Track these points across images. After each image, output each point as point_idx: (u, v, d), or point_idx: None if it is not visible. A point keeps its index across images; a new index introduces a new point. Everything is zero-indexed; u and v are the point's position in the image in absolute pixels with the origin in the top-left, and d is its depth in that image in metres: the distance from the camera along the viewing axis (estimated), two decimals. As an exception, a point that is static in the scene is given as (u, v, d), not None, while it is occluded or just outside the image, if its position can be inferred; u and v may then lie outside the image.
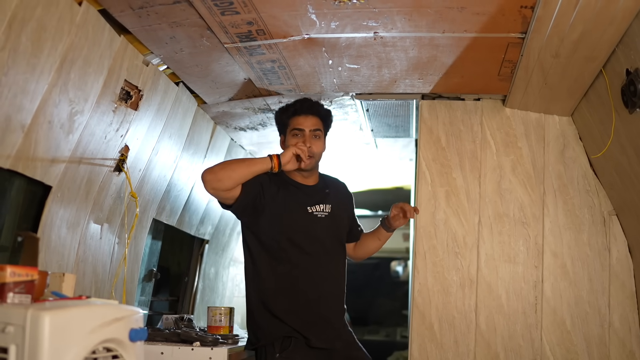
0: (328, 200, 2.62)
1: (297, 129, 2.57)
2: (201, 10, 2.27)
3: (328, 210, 2.61)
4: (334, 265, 2.61)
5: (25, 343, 1.59)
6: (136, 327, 1.92)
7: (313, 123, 2.58)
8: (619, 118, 2.52)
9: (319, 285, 2.54)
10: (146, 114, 2.75)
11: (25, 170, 2.15)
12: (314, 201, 2.59)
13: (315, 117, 2.60)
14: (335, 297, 2.61)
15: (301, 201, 2.58)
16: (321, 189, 2.66)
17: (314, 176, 2.67)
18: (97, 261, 2.71)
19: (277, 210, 2.53)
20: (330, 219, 2.60)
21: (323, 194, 2.64)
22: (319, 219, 2.58)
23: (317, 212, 2.58)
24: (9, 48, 1.89)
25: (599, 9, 2.08)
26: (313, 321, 2.51)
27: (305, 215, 2.56)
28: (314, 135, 2.57)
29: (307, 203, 2.58)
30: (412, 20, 2.36)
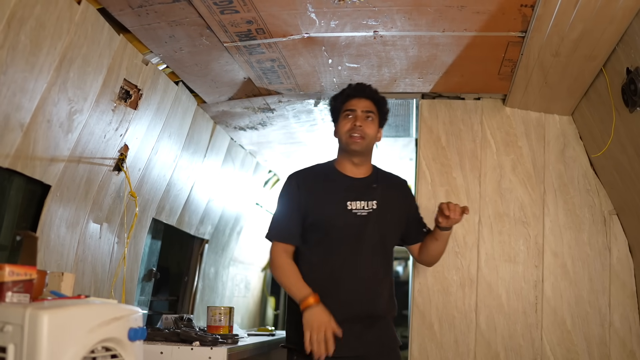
0: (373, 196, 2.41)
1: (349, 110, 2.40)
2: (200, 9, 2.26)
3: (372, 206, 2.39)
4: (372, 266, 2.38)
5: (24, 342, 1.59)
6: (135, 327, 1.92)
7: (366, 105, 2.41)
8: (620, 117, 2.51)
9: (352, 288, 2.35)
10: (145, 113, 2.74)
11: (24, 169, 2.15)
12: (355, 196, 2.39)
13: (368, 100, 2.42)
14: (369, 301, 2.37)
15: (341, 196, 2.39)
16: (368, 184, 2.45)
17: (366, 166, 2.47)
18: (96, 261, 2.71)
19: (316, 209, 2.39)
20: (374, 217, 2.38)
21: (369, 189, 2.43)
22: (358, 217, 2.37)
23: (357, 210, 2.38)
24: (8, 46, 1.89)
25: (599, 7, 2.07)
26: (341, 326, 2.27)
27: (343, 212, 2.37)
28: (366, 116, 2.39)
29: (348, 198, 2.39)
30: (412, 19, 2.36)
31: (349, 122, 2.38)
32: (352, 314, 2.32)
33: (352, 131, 2.36)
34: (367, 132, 2.37)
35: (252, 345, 2.99)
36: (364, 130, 2.36)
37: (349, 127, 2.38)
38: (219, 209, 4.00)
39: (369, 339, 2.34)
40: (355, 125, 2.36)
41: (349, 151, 2.40)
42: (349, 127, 2.38)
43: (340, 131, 2.42)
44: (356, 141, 2.36)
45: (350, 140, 2.37)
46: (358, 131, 2.36)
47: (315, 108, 3.37)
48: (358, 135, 2.36)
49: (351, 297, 2.34)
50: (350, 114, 2.39)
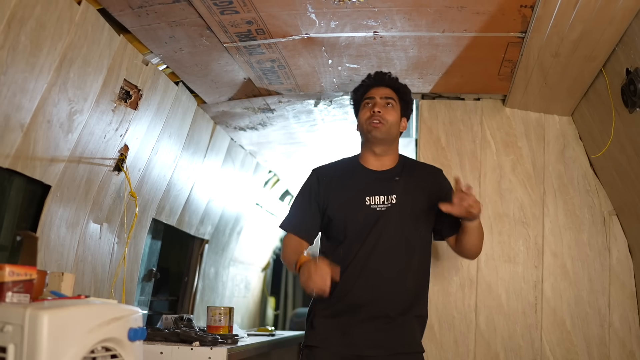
0: (394, 190, 2.32)
1: (367, 98, 2.38)
2: (200, 9, 2.27)
3: (392, 201, 2.30)
4: (392, 263, 2.28)
5: (24, 342, 1.59)
6: (135, 327, 1.92)
7: (385, 92, 2.38)
8: (619, 117, 2.52)
9: (368, 286, 2.26)
10: (146, 113, 2.75)
11: (24, 169, 2.15)
12: (375, 191, 2.32)
13: (388, 88, 2.39)
14: (385, 301, 2.27)
15: (360, 191, 2.33)
16: (390, 177, 2.37)
17: (390, 157, 2.41)
18: (96, 261, 2.71)
19: (335, 205, 2.35)
20: (393, 212, 2.29)
21: (391, 182, 2.35)
22: (377, 212, 2.29)
23: (375, 205, 2.30)
24: (8, 47, 1.89)
25: (598, 8, 2.07)
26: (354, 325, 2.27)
27: (362, 208, 2.31)
28: (385, 102, 2.35)
29: (367, 193, 2.32)
30: (411, 20, 2.36)
31: (368, 110, 2.35)
32: (368, 313, 2.26)
33: (372, 118, 2.32)
34: (386, 118, 2.33)
35: (252, 345, 2.99)
36: (383, 116, 2.32)
37: (368, 115, 2.34)
38: (219, 209, 4.00)
39: (380, 341, 2.26)
40: (374, 112, 2.32)
41: (370, 139, 2.35)
42: (368, 115, 2.34)
43: (360, 121, 2.38)
44: (375, 126, 2.31)
45: (370, 127, 2.32)
46: (377, 117, 2.31)
47: (315, 108, 3.38)
48: (377, 121, 2.31)
49: (366, 295, 2.26)
50: (370, 102, 2.37)
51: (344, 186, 2.37)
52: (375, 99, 2.35)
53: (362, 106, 2.39)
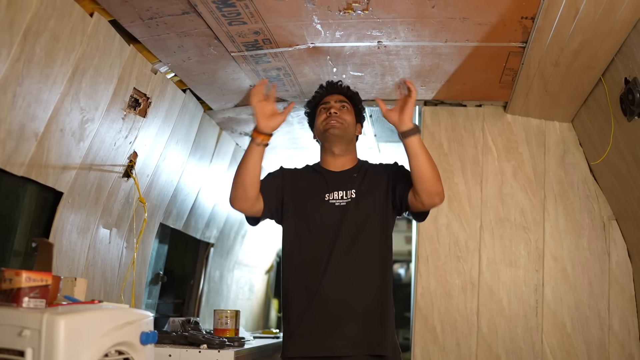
0: (352, 185, 2.38)
1: (323, 104, 2.50)
2: (209, 20, 2.32)
3: (351, 195, 2.36)
4: (357, 258, 2.29)
5: (42, 346, 1.64)
6: (147, 331, 1.98)
7: (339, 98, 2.50)
8: (618, 125, 2.57)
9: (330, 281, 2.27)
10: (154, 120, 2.80)
11: (38, 177, 2.20)
12: (334, 187, 2.38)
13: (341, 95, 2.52)
14: (353, 298, 2.27)
15: (319, 189, 2.39)
16: (349, 174, 2.43)
17: (348, 158, 2.47)
18: (106, 265, 2.76)
19: (294, 203, 2.40)
20: (354, 206, 2.33)
21: (350, 178, 2.41)
22: (336, 207, 2.34)
23: (334, 200, 2.36)
24: (24, 59, 1.95)
25: (597, 20, 2.13)
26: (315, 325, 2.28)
27: (322, 204, 2.36)
28: (341, 106, 2.47)
29: (327, 190, 2.38)
30: (415, 30, 2.42)
31: (324, 113, 2.46)
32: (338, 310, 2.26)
33: (328, 118, 2.42)
34: (343, 117, 2.43)
35: (257, 348, 3.04)
36: (339, 116, 2.42)
37: (324, 116, 2.44)
38: (224, 213, 4.06)
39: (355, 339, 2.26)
40: (331, 113, 2.42)
41: (328, 138, 2.43)
42: (324, 116, 2.44)
43: (317, 125, 2.47)
44: (333, 125, 2.40)
45: (328, 126, 2.41)
46: (334, 117, 2.41)
47: (320, 114, 3.43)
48: (334, 120, 2.41)
49: (334, 292, 2.27)
50: (325, 106, 2.48)
51: (304, 186, 2.44)
52: (330, 103, 2.47)
53: (318, 112, 2.49)
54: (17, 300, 1.75)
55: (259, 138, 2.29)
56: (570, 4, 2.07)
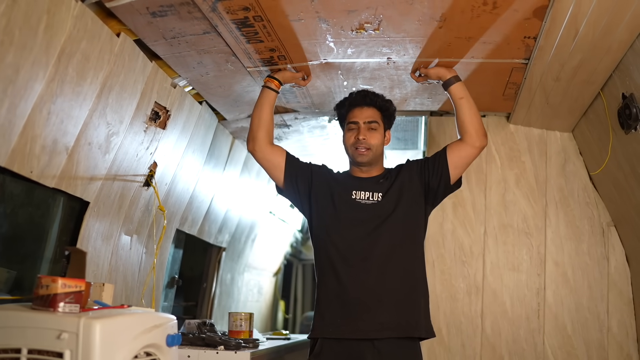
0: (379, 189, 2.46)
1: (351, 122, 2.49)
2: (228, 39, 2.45)
3: (378, 198, 2.44)
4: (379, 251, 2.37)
5: (79, 349, 1.78)
6: (172, 333, 2.12)
7: (368, 115, 2.48)
8: (616, 137, 2.70)
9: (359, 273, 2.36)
10: (173, 132, 2.93)
11: (67, 188, 2.34)
12: (360, 188, 2.46)
13: (370, 108, 2.49)
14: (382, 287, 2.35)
15: (346, 187, 2.48)
16: (376, 180, 2.50)
17: (376, 169, 2.54)
18: (127, 270, 2.90)
19: (322, 196, 2.49)
20: (380, 206, 2.42)
21: (376, 183, 2.48)
22: (362, 205, 2.44)
23: (360, 199, 2.45)
24: (58, 79, 2.08)
25: (596, 40, 2.26)
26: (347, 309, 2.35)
27: (348, 201, 2.45)
28: (369, 127, 2.46)
29: (353, 189, 2.46)
30: (423, 48, 2.54)
31: (352, 135, 2.48)
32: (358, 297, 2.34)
33: (357, 144, 2.46)
34: (371, 143, 2.46)
35: (271, 349, 3.17)
36: (368, 142, 2.45)
37: (353, 141, 2.47)
38: (236, 218, 4.19)
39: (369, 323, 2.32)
40: (359, 139, 2.45)
41: (356, 162, 2.50)
42: (353, 141, 2.47)
43: (346, 144, 2.53)
44: (362, 153, 2.46)
45: (356, 153, 2.47)
46: (362, 144, 2.45)
47: (329, 124, 3.56)
48: (363, 148, 2.45)
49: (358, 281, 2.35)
50: (354, 126, 2.48)
51: (332, 181, 2.53)
52: (359, 123, 2.47)
53: (347, 128, 2.51)
54: (54, 305, 1.88)
55: (269, 82, 2.58)
56: (570, 26, 2.19)
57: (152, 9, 2.22)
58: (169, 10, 2.22)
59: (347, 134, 2.51)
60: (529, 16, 2.21)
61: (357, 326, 2.33)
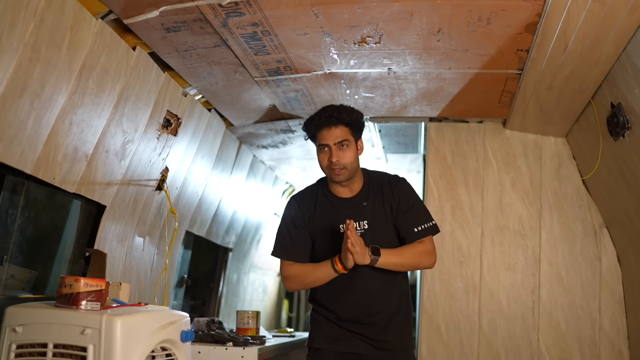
0: (364, 215, 2.45)
1: (321, 145, 2.42)
2: (237, 52, 2.59)
3: (364, 226, 2.44)
4: (370, 285, 2.43)
5: (101, 343, 1.93)
6: (186, 330, 2.25)
7: (337, 135, 2.39)
8: (606, 143, 2.83)
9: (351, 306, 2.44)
10: (183, 138, 3.07)
11: (86, 193, 2.48)
12: (345, 217, 2.35)
13: (338, 127, 2.40)
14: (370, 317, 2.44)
15: (334, 220, 2.47)
16: (359, 202, 2.48)
17: (356, 182, 2.50)
18: (140, 270, 3.03)
19: (314, 234, 2.51)
20: (367, 236, 2.40)
21: (360, 208, 2.47)
22: None
23: None
24: (79, 92, 2.22)
25: (584, 53, 2.39)
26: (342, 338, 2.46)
27: (336, 236, 2.45)
28: (340, 146, 2.39)
29: (340, 221, 2.44)
30: (422, 59, 2.68)
31: (325, 157, 2.41)
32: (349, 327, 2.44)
33: (331, 166, 2.39)
34: (345, 162, 2.38)
35: (277, 345, 3.31)
36: (341, 162, 2.38)
37: (327, 163, 2.41)
38: (242, 219, 4.33)
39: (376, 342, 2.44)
40: (332, 161, 2.38)
41: (335, 182, 2.46)
42: (327, 163, 2.41)
43: (321, 165, 2.45)
44: (337, 174, 2.39)
45: (333, 174, 2.41)
46: (336, 165, 2.38)
47: (332, 129, 3.70)
48: (337, 169, 2.38)
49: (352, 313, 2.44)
50: (324, 148, 2.41)
51: (320, 216, 2.50)
52: (329, 145, 2.40)
53: (319, 150, 2.44)
54: (77, 303, 2.02)
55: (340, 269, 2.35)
56: (560, 40, 2.33)
57: (167, 25, 2.36)
58: (182, 26, 2.37)
59: (321, 156, 2.44)
60: (521, 31, 2.35)
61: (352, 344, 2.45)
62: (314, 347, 2.54)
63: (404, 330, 2.51)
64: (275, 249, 2.56)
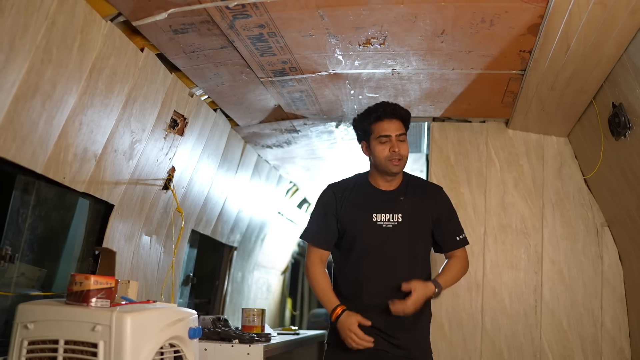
0: (400, 209, 2.56)
1: (383, 136, 2.53)
2: (244, 53, 2.63)
3: (398, 219, 2.54)
4: (396, 277, 2.49)
5: (112, 340, 1.96)
6: (194, 327, 2.29)
7: (397, 127, 2.55)
8: (608, 143, 2.86)
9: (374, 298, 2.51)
10: (190, 138, 3.11)
11: (95, 192, 2.52)
12: (382, 209, 2.55)
13: (398, 121, 2.56)
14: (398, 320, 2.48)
15: (368, 208, 2.56)
16: (396, 196, 2.59)
17: (397, 180, 2.63)
18: (147, 268, 3.07)
19: (347, 220, 2.58)
20: (399, 230, 2.53)
21: (396, 202, 2.57)
22: (383, 229, 2.54)
23: (382, 222, 2.54)
24: (89, 92, 2.25)
25: (586, 54, 2.43)
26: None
27: (369, 224, 2.54)
28: (399, 139, 2.54)
29: (374, 210, 2.55)
30: (425, 60, 2.72)
31: (386, 149, 2.52)
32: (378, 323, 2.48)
33: (391, 156, 2.52)
34: (403, 154, 2.54)
35: (282, 343, 3.35)
36: (401, 154, 2.53)
37: (387, 154, 2.52)
38: (247, 218, 4.37)
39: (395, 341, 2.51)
40: (394, 152, 2.51)
41: (389, 173, 2.56)
42: (387, 154, 2.52)
43: (378, 156, 2.54)
44: (396, 164, 2.53)
45: (391, 165, 2.52)
46: (397, 156, 2.52)
47: (336, 129, 3.74)
48: (397, 159, 2.52)
49: (372, 307, 2.49)
50: (386, 140, 2.53)
51: (354, 204, 2.60)
52: (391, 137, 2.53)
53: (377, 141, 2.54)
54: (87, 301, 2.06)
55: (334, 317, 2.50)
56: (562, 41, 2.36)
57: (175, 27, 2.39)
58: (190, 27, 2.40)
59: (380, 147, 2.54)
60: (524, 32, 2.38)
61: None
62: (333, 342, 2.59)
63: (424, 333, 2.61)
64: (304, 232, 2.70)
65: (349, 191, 2.65)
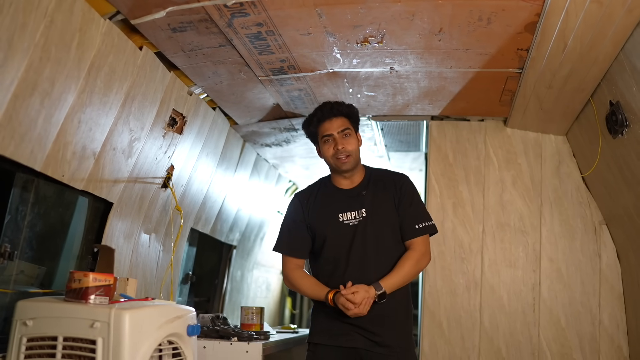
0: (362, 204, 2.58)
1: (325, 136, 2.59)
2: (242, 51, 2.64)
3: (362, 215, 2.56)
4: (366, 273, 2.51)
5: (110, 336, 1.97)
6: (192, 324, 2.30)
7: (339, 124, 2.58)
8: (605, 141, 2.87)
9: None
10: (188, 137, 3.12)
11: (94, 190, 2.53)
12: (346, 207, 2.58)
13: (339, 118, 2.60)
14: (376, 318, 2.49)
15: (333, 209, 2.60)
16: (358, 192, 2.62)
17: (358, 174, 2.66)
18: (146, 266, 3.08)
19: (315, 223, 2.62)
20: (365, 224, 2.55)
21: (359, 197, 2.60)
22: (350, 227, 2.55)
23: (348, 220, 2.56)
24: (87, 90, 2.26)
25: (583, 52, 2.43)
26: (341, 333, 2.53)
27: (336, 224, 2.57)
28: (343, 135, 2.57)
29: (340, 210, 2.58)
30: (423, 59, 2.73)
31: (330, 147, 2.58)
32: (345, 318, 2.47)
33: (337, 154, 2.57)
34: (350, 150, 2.56)
35: (280, 341, 3.36)
36: (346, 149, 2.56)
37: (332, 152, 2.58)
38: (246, 217, 4.38)
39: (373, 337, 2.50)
40: (338, 149, 2.56)
41: (340, 171, 2.61)
42: (332, 152, 2.58)
43: (326, 156, 2.62)
44: (344, 162, 2.57)
45: (339, 162, 2.57)
46: (342, 153, 2.56)
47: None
48: (343, 156, 2.56)
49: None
50: (329, 139, 2.59)
51: (321, 207, 2.64)
52: (333, 135, 2.58)
53: (322, 142, 2.61)
54: (85, 298, 2.06)
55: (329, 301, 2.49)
56: (559, 40, 2.37)
57: (173, 25, 2.40)
58: (189, 26, 2.41)
59: (325, 147, 2.61)
60: (521, 31, 2.39)
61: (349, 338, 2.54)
62: (313, 342, 2.61)
63: (405, 329, 2.59)
64: (276, 244, 2.74)
65: (314, 196, 2.69)
